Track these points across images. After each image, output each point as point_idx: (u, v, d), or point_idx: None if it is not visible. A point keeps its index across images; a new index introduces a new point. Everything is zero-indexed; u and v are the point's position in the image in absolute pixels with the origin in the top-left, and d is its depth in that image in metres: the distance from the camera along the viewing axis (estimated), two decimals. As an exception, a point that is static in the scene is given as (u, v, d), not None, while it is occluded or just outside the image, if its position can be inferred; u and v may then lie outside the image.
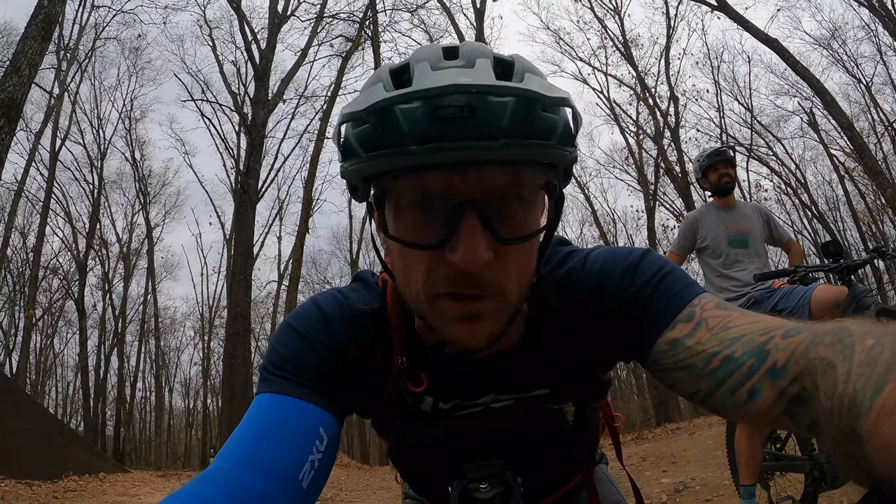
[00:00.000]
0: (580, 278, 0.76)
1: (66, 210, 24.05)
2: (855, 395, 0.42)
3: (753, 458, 2.79)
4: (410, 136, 0.56)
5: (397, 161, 0.58)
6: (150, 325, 28.95)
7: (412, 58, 0.64)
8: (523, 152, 0.58)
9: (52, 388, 32.20)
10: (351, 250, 28.31)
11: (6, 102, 7.06)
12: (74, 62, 20.67)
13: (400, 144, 0.57)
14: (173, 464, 31.01)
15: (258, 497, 0.60)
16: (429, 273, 0.63)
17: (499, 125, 0.56)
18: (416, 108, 0.56)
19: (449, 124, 0.55)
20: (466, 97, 0.55)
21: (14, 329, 24.09)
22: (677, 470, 5.78)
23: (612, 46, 21.23)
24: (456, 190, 0.60)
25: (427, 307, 0.66)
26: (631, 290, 0.72)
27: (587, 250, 0.79)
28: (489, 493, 0.79)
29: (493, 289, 0.63)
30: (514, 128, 0.56)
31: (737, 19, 12.41)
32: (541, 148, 0.59)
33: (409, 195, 0.62)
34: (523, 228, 0.63)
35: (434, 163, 0.57)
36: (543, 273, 0.77)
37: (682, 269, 0.74)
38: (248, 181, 14.53)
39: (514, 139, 0.56)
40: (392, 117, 0.57)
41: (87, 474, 10.29)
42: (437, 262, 0.62)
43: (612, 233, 28.21)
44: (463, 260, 0.59)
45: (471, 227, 0.59)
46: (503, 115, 0.56)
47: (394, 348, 0.78)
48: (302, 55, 17.41)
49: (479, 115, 0.55)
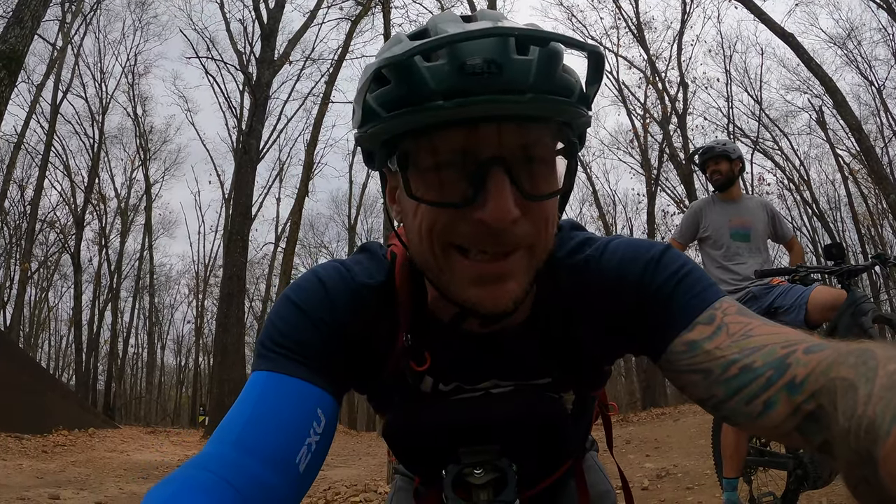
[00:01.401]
0: (598, 268, 0.74)
1: (66, 164, 23.92)
2: (874, 419, 0.42)
3: (738, 451, 2.82)
4: (438, 91, 0.56)
5: (424, 118, 0.57)
6: (144, 281, 29.10)
7: (429, 22, 0.64)
8: (548, 108, 0.59)
9: (45, 341, 32.54)
10: (349, 215, 28.27)
11: (7, 54, 6.95)
12: (79, 15, 20.35)
13: (426, 100, 0.56)
14: (162, 420, 31.34)
15: (254, 482, 0.59)
16: (449, 228, 0.63)
17: (525, 80, 0.56)
18: (443, 64, 0.56)
19: (476, 79, 0.55)
20: (493, 52, 0.56)
21: (9, 281, 24.10)
22: (660, 456, 5.86)
23: (625, 27, 20.97)
24: (483, 146, 0.60)
25: (442, 264, 0.65)
26: (652, 287, 0.70)
27: (606, 239, 0.78)
28: (483, 479, 0.78)
29: (523, 241, 0.63)
30: (539, 84, 0.57)
31: (754, 10, 12.23)
32: (564, 105, 0.60)
33: (435, 153, 0.61)
34: (547, 186, 0.63)
35: (461, 118, 0.57)
36: (559, 256, 0.76)
37: (703, 270, 0.72)
38: (250, 141, 14.40)
39: (540, 94, 0.57)
40: (417, 74, 0.57)
41: (76, 429, 10.41)
42: (460, 219, 0.62)
43: (612, 214, 28.20)
44: (493, 216, 0.59)
45: (499, 183, 0.59)
46: (529, 71, 0.57)
47: (399, 325, 0.77)
48: (310, 16, 17.16)
49: (505, 70, 0.56)
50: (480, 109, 0.56)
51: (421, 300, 0.77)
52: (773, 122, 22.85)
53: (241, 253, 13.67)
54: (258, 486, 0.59)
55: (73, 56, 21.60)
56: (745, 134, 22.39)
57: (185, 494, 0.55)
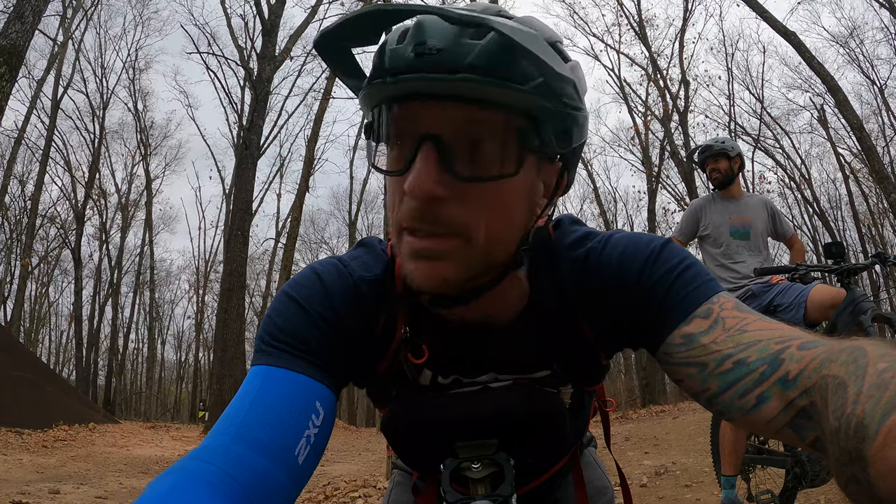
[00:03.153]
0: (599, 260, 0.75)
1: (66, 159, 23.96)
2: (863, 418, 0.42)
3: (737, 449, 2.83)
4: (388, 69, 0.61)
5: (377, 91, 0.63)
6: (145, 276, 29.10)
7: None
8: (483, 89, 0.59)
9: (46, 336, 32.57)
10: (350, 211, 28.28)
11: (8, 49, 6.93)
12: (80, 10, 20.33)
13: (379, 77, 0.62)
14: (163, 415, 31.40)
15: (255, 474, 0.59)
16: (397, 205, 0.66)
17: (461, 61, 0.58)
18: (403, 46, 0.61)
19: (419, 59, 0.59)
20: (440, 35, 0.59)
21: (10, 277, 24.12)
22: (659, 453, 5.87)
23: (627, 24, 21.01)
24: (420, 123, 0.62)
25: (396, 242, 0.68)
26: (651, 279, 0.71)
27: (608, 233, 0.79)
28: (481, 473, 0.78)
29: (451, 227, 0.63)
30: (478, 66, 0.58)
31: (756, 8, 12.18)
32: (506, 90, 0.59)
33: (388, 126, 0.65)
34: (486, 170, 0.63)
35: (399, 94, 0.62)
36: (559, 249, 0.77)
37: (703, 265, 0.73)
38: (251, 137, 14.39)
39: (474, 75, 0.58)
40: (382, 53, 0.63)
41: (77, 424, 10.42)
42: (402, 194, 0.65)
43: (612, 211, 28.23)
44: (409, 187, 0.61)
45: (424, 158, 0.61)
46: (469, 53, 0.58)
47: (397, 318, 0.77)
48: (312, 12, 17.10)
49: (445, 51, 0.59)
50: (413, 87, 0.60)
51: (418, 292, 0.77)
52: (775, 121, 22.88)
53: (241, 248, 13.67)
54: (258, 477, 0.59)
55: (73, 51, 21.68)
56: (746, 132, 22.40)
57: (185, 486, 0.55)
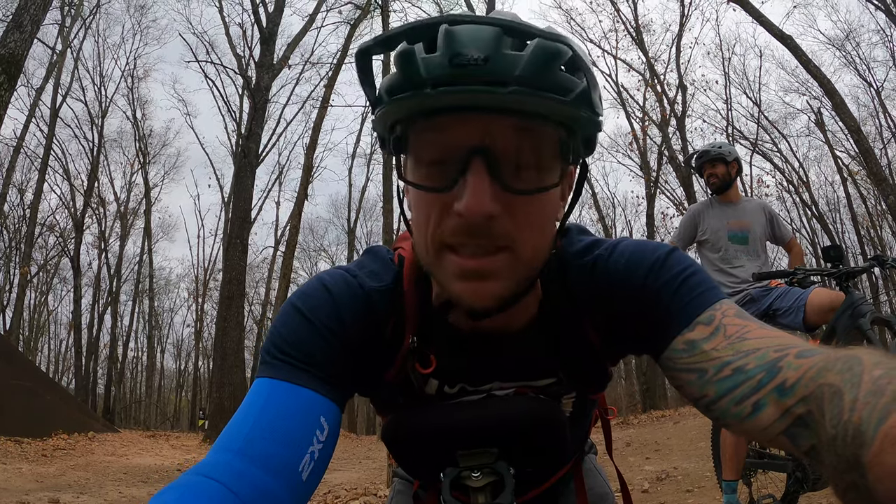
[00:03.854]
0: (606, 268, 0.76)
1: (65, 167, 23.92)
2: (860, 424, 0.43)
3: (738, 454, 2.82)
4: (428, 79, 0.58)
5: (413, 104, 0.61)
6: (144, 285, 29.04)
7: None
8: (533, 102, 0.59)
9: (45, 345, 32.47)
10: (349, 219, 28.23)
11: (7, 58, 6.94)
12: (78, 18, 20.36)
13: (416, 88, 0.59)
14: (162, 424, 31.25)
15: (258, 490, 0.59)
16: (438, 222, 0.64)
17: (510, 73, 0.57)
18: (437, 55, 0.58)
19: (462, 70, 0.57)
20: (483, 45, 0.58)
21: (9, 285, 24.08)
22: (660, 458, 5.85)
23: (624, 30, 21.04)
24: (466, 136, 0.61)
25: (434, 260, 0.66)
26: (656, 285, 0.72)
27: (614, 241, 0.79)
28: (481, 482, 0.78)
29: (502, 240, 0.63)
30: (526, 78, 0.57)
31: (752, 13, 12.22)
32: (553, 102, 0.59)
33: (425, 141, 0.63)
34: (534, 182, 0.63)
35: (445, 106, 0.59)
36: (568, 257, 0.77)
37: (706, 272, 0.74)
38: (249, 145, 14.42)
39: (525, 88, 0.57)
40: (414, 63, 0.59)
41: (76, 432, 10.37)
42: (444, 211, 0.63)
43: (611, 217, 28.19)
44: (466, 207, 0.60)
45: (477, 174, 0.60)
46: (516, 65, 0.57)
47: (406, 327, 0.78)
48: (309, 20, 17.15)
49: (492, 62, 0.57)
50: (461, 99, 0.58)
51: (428, 302, 0.77)
52: (772, 124, 22.90)
53: (240, 256, 13.68)
54: (261, 494, 0.59)
55: (72, 60, 21.65)
56: (744, 136, 22.44)
57: (187, 501, 0.55)
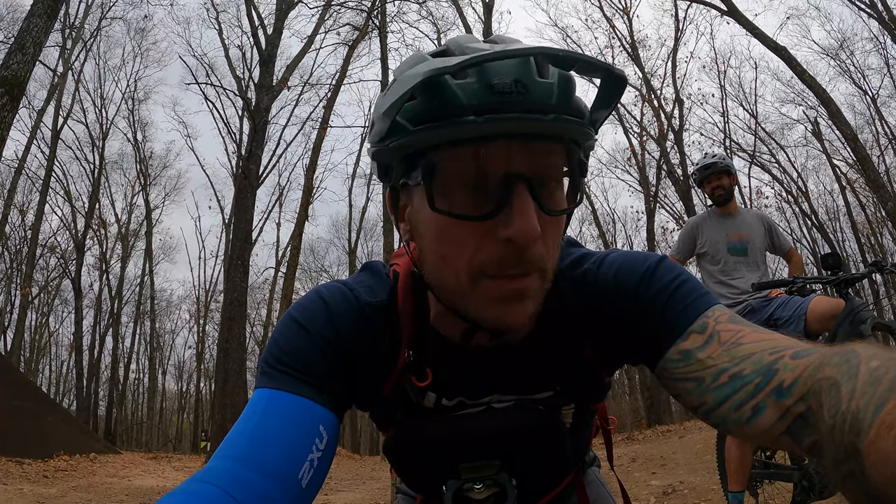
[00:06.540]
0: (595, 280, 0.76)
1: (66, 189, 24.02)
2: (857, 413, 0.43)
3: (743, 464, 2.80)
4: (469, 107, 0.58)
5: (455, 132, 0.59)
6: (145, 306, 29.02)
7: (451, 42, 0.67)
8: (569, 128, 0.61)
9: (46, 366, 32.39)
10: (350, 239, 28.24)
11: (10, 80, 6.99)
12: (80, 41, 20.58)
13: (456, 116, 0.58)
14: (164, 446, 31.03)
15: (259, 496, 0.59)
16: (476, 251, 0.63)
17: (549, 101, 0.60)
18: (472, 82, 0.59)
19: (504, 97, 0.58)
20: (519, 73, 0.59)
21: (10, 306, 24.08)
22: (666, 473, 5.80)
23: (620, 46, 21.21)
24: (508, 163, 0.61)
25: (468, 288, 0.65)
26: (646, 296, 0.72)
27: (603, 253, 0.80)
28: (483, 494, 0.79)
29: (538, 263, 0.64)
30: (560, 105, 0.60)
31: (746, 25, 12.36)
32: (580, 126, 0.62)
33: (460, 168, 0.62)
34: (561, 203, 0.66)
35: (489, 134, 0.59)
36: (560, 270, 0.77)
37: (697, 279, 0.74)
38: (250, 166, 14.46)
39: (562, 114, 0.60)
40: (448, 90, 0.59)
41: (77, 454, 10.30)
42: (484, 238, 0.62)
43: (611, 232, 28.22)
44: (518, 233, 0.60)
45: (524, 199, 0.60)
46: (552, 93, 0.60)
47: (402, 341, 0.78)
48: (308, 42, 17.33)
49: (531, 91, 0.59)
50: (510, 126, 0.59)
51: (424, 317, 0.78)
52: (770, 136, 22.99)
53: (241, 278, 13.64)
54: (261, 500, 0.59)
55: (73, 82, 21.87)
56: (741, 148, 22.52)
57: None
